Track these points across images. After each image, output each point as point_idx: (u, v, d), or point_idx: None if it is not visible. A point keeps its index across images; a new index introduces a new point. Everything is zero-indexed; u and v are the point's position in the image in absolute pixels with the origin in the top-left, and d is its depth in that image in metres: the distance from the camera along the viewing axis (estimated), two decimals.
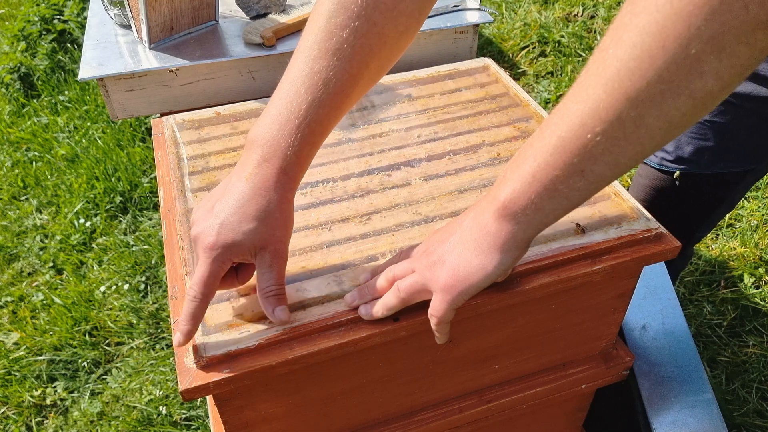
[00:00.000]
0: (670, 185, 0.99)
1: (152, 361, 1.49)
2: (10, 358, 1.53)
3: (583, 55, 2.27)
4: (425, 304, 0.57)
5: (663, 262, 0.96)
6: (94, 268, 1.74)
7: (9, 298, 1.69)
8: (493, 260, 0.52)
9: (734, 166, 0.94)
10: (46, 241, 1.85)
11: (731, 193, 0.99)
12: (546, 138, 0.46)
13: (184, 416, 1.38)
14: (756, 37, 0.36)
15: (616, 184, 0.71)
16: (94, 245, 1.81)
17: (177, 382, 0.78)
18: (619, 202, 0.70)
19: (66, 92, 2.38)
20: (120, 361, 1.52)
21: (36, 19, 2.57)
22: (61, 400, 1.45)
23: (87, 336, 1.57)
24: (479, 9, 1.03)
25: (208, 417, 1.35)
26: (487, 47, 2.44)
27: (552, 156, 0.45)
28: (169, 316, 1.58)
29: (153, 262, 1.73)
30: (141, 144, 2.12)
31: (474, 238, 0.52)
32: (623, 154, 0.43)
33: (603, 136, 0.43)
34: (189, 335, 0.55)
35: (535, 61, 2.36)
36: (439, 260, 0.54)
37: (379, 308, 0.58)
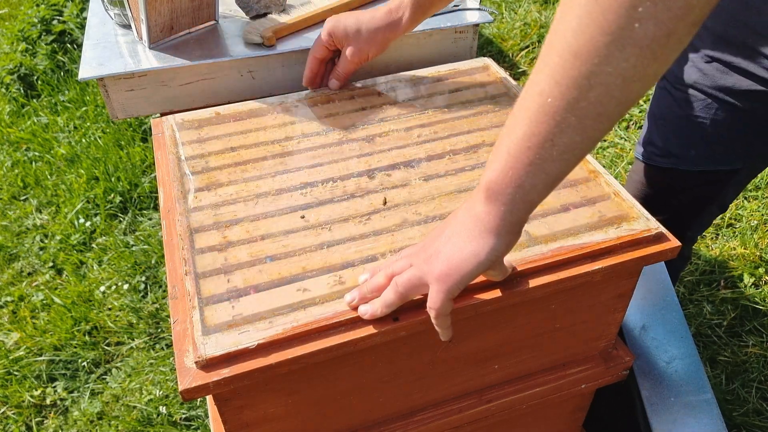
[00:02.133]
0: (660, 181, 0.99)
1: (152, 361, 1.49)
2: (10, 358, 1.53)
3: None
4: (425, 303, 0.57)
5: (663, 262, 0.96)
6: (94, 268, 1.74)
7: (9, 298, 1.69)
8: (486, 245, 0.52)
9: (722, 164, 0.94)
10: (46, 241, 1.85)
11: (721, 193, 0.99)
12: (515, 113, 0.48)
13: (184, 416, 1.38)
14: None
15: (616, 184, 0.71)
16: (94, 245, 1.81)
17: (177, 381, 0.78)
18: (619, 202, 0.70)
19: (66, 92, 2.38)
20: (120, 361, 1.52)
21: (36, 20, 2.57)
22: (61, 400, 1.45)
23: (87, 336, 1.57)
24: (479, 9, 1.03)
25: (208, 417, 1.35)
26: (487, 47, 2.44)
27: (521, 129, 0.47)
28: (168, 316, 1.58)
29: (153, 262, 1.73)
30: (141, 144, 2.12)
31: (467, 227, 0.53)
32: (586, 116, 0.44)
33: (562, 100, 0.44)
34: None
35: (535, 61, 2.36)
36: (435, 253, 0.55)
37: (379, 306, 0.58)
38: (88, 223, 1.86)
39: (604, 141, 2.00)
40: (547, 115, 0.45)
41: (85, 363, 1.51)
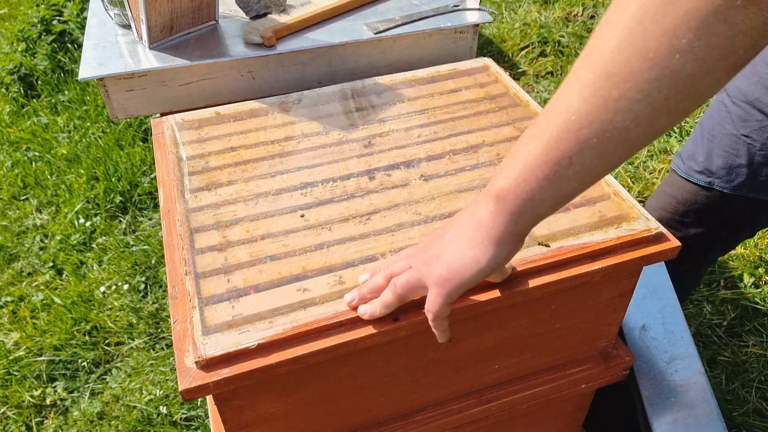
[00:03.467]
0: (693, 199, 0.95)
1: (152, 361, 1.49)
2: (10, 358, 1.53)
3: None
4: (424, 303, 0.57)
5: (663, 262, 0.96)
6: (94, 268, 1.74)
7: (9, 298, 1.69)
8: (487, 253, 0.52)
9: (762, 193, 0.89)
10: (46, 241, 1.85)
11: (755, 221, 0.95)
12: (538, 124, 0.47)
13: (184, 416, 1.38)
14: (734, 17, 0.36)
15: (616, 184, 0.71)
16: (94, 245, 1.81)
17: (177, 381, 0.78)
18: (619, 202, 0.70)
19: (66, 92, 2.38)
20: (120, 361, 1.52)
21: (36, 20, 2.57)
22: (61, 400, 1.45)
23: (87, 336, 1.57)
24: (479, 9, 1.03)
25: (208, 417, 1.35)
26: (487, 47, 2.44)
27: (541, 141, 0.46)
28: (168, 316, 1.58)
29: (153, 262, 1.73)
30: (141, 144, 2.12)
31: (469, 232, 0.52)
32: (609, 140, 0.43)
33: (587, 119, 0.43)
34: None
35: (535, 61, 2.36)
36: (434, 255, 0.54)
37: (378, 306, 0.58)
38: (88, 223, 1.86)
39: None
40: (570, 132, 0.44)
41: (85, 363, 1.51)
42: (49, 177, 2.05)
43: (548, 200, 0.48)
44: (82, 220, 1.87)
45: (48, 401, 1.45)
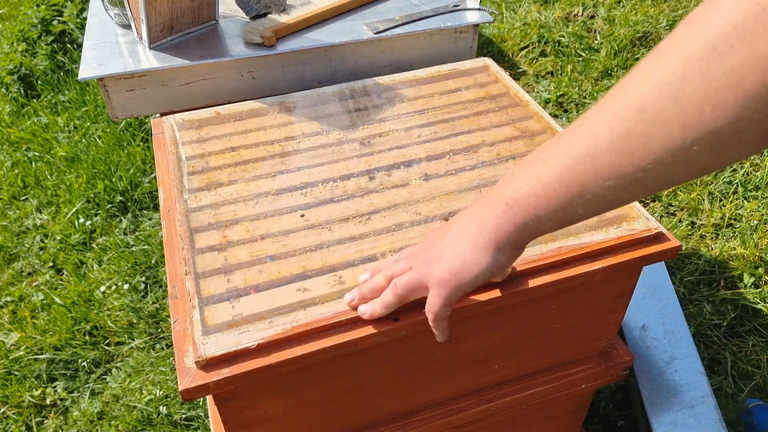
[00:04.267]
0: None
1: (152, 361, 1.49)
2: (10, 358, 1.53)
3: (583, 54, 2.27)
4: (425, 303, 0.57)
5: (663, 262, 0.96)
6: (94, 268, 1.74)
7: (9, 298, 1.69)
8: (488, 257, 0.52)
9: None
10: (46, 241, 1.85)
11: None
12: (560, 140, 0.46)
13: (184, 416, 1.38)
14: None
15: None
16: (94, 245, 1.81)
17: (177, 381, 0.78)
18: None
19: (66, 92, 2.38)
20: (120, 361, 1.52)
21: (36, 20, 2.57)
22: (61, 399, 1.45)
23: (87, 336, 1.57)
24: (479, 9, 1.03)
25: (208, 417, 1.35)
26: (487, 47, 2.44)
27: (559, 160, 0.45)
28: (168, 316, 1.58)
29: (153, 262, 1.73)
30: (141, 144, 2.12)
31: (471, 234, 0.52)
32: (624, 176, 0.42)
33: (607, 150, 0.42)
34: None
35: (535, 61, 2.36)
36: (435, 256, 0.54)
37: (378, 307, 0.58)
38: (88, 223, 1.86)
39: None
40: (589, 157, 0.43)
41: (85, 363, 1.51)
42: (49, 177, 2.05)
43: (554, 220, 0.48)
44: (82, 220, 1.87)
45: (48, 401, 1.45)
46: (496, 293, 0.61)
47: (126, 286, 1.66)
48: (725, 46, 0.35)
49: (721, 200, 1.76)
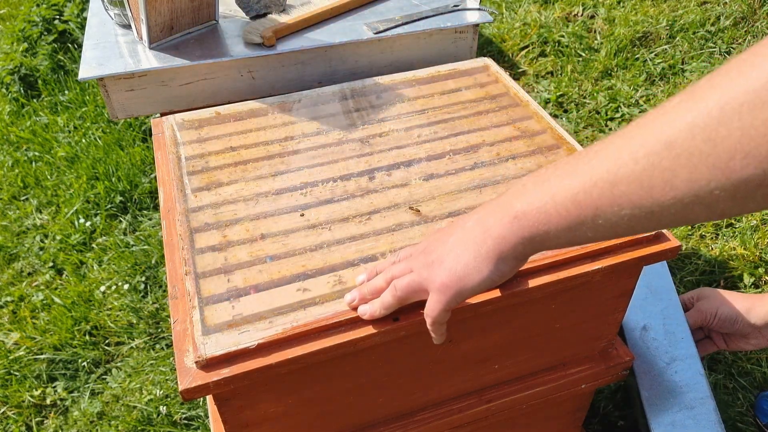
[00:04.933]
0: None
1: (152, 361, 1.49)
2: (10, 358, 1.53)
3: (583, 54, 2.27)
4: (424, 304, 0.57)
5: (664, 262, 0.96)
6: (94, 268, 1.74)
7: (9, 298, 1.69)
8: (490, 266, 0.51)
9: None
10: (46, 241, 1.85)
11: None
12: (582, 158, 0.45)
13: (184, 416, 1.38)
14: None
15: None
16: (94, 245, 1.81)
17: (177, 381, 0.78)
18: None
19: (66, 92, 2.38)
20: (120, 361, 1.52)
21: (36, 20, 2.57)
22: (61, 400, 1.45)
23: (87, 336, 1.57)
24: (479, 9, 1.03)
25: (208, 417, 1.35)
26: (487, 47, 2.44)
27: (577, 180, 0.44)
28: (169, 316, 1.58)
29: (153, 262, 1.73)
30: (141, 144, 2.12)
31: (475, 241, 0.52)
32: (640, 207, 0.41)
33: (627, 179, 0.41)
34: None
35: (535, 61, 2.36)
36: (437, 260, 0.54)
37: (377, 308, 0.58)
38: (88, 223, 1.86)
39: None
40: (608, 183, 0.42)
41: (85, 363, 1.51)
42: (49, 177, 2.05)
43: (561, 239, 0.47)
44: (82, 220, 1.87)
45: (48, 401, 1.45)
46: (496, 293, 0.61)
47: (126, 286, 1.66)
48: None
49: None
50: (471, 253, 0.52)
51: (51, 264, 1.77)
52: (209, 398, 1.00)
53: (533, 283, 0.62)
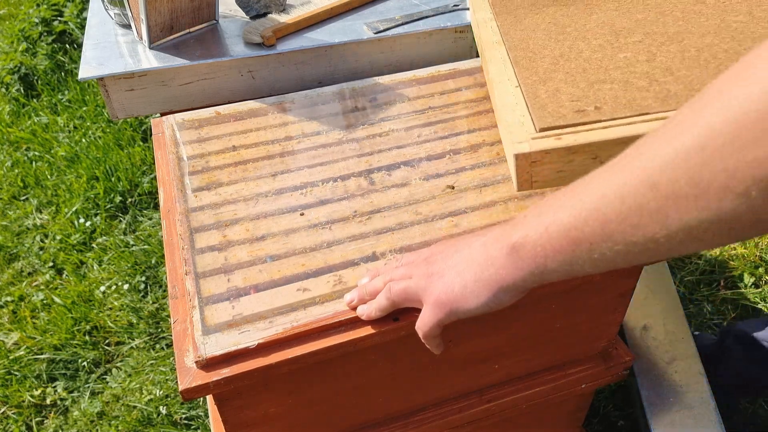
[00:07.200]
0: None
1: (152, 361, 1.49)
2: (10, 358, 1.53)
3: None
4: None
5: (665, 262, 0.96)
6: (94, 268, 1.74)
7: (9, 298, 1.69)
8: (489, 294, 0.50)
9: None
10: (46, 241, 1.85)
11: None
12: (573, 192, 0.45)
13: (184, 416, 1.38)
14: None
15: None
16: (94, 245, 1.81)
17: (177, 381, 0.78)
18: None
19: (66, 92, 2.38)
20: (120, 361, 1.52)
21: (36, 20, 2.57)
22: (61, 399, 1.45)
23: (87, 336, 1.57)
24: None
25: (208, 417, 1.35)
26: None
27: (568, 214, 0.44)
28: (168, 316, 1.58)
29: (153, 262, 1.73)
30: (141, 144, 2.12)
31: (479, 263, 0.51)
32: (634, 244, 0.41)
33: (617, 219, 0.41)
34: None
35: None
36: (437, 272, 0.54)
37: (373, 309, 0.58)
38: (88, 223, 1.86)
39: None
40: (598, 222, 0.42)
41: (85, 363, 1.51)
42: (49, 177, 2.05)
43: (560, 272, 0.46)
44: (82, 220, 1.87)
45: (48, 401, 1.45)
46: None
47: (126, 286, 1.66)
48: (750, 129, 0.33)
49: None
50: (472, 274, 0.51)
51: (51, 264, 1.77)
52: (209, 398, 1.00)
53: None
